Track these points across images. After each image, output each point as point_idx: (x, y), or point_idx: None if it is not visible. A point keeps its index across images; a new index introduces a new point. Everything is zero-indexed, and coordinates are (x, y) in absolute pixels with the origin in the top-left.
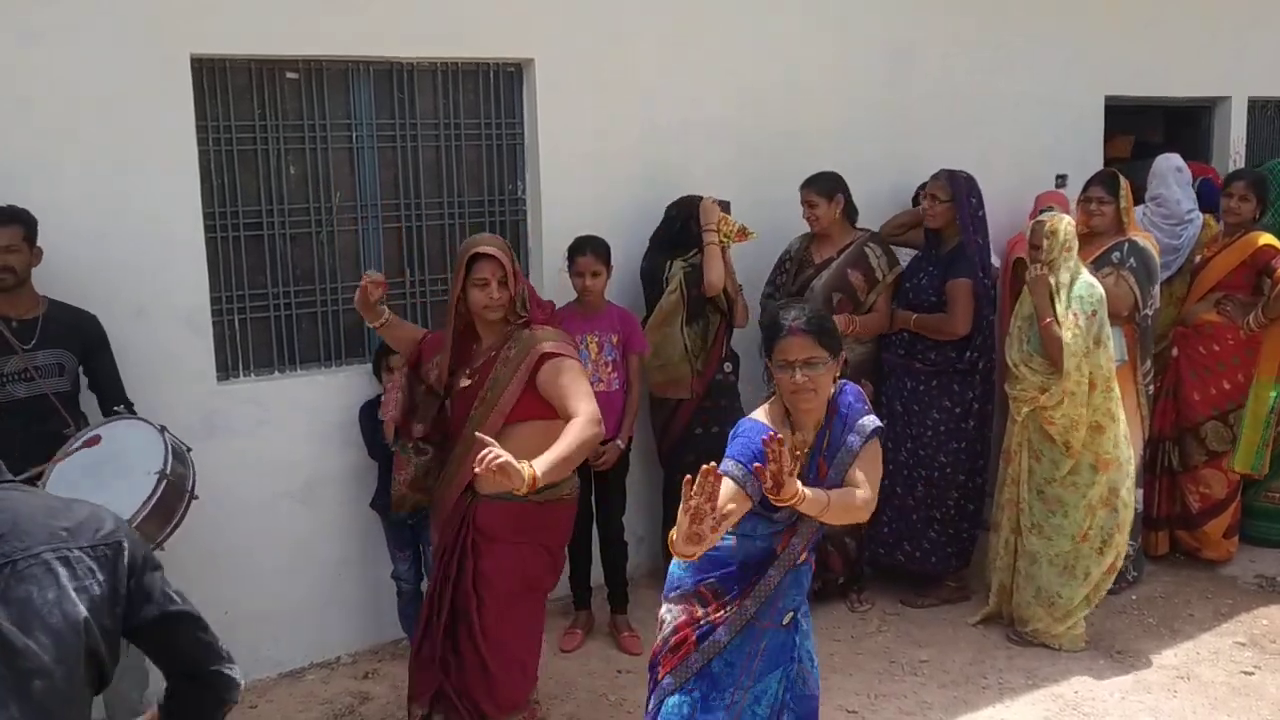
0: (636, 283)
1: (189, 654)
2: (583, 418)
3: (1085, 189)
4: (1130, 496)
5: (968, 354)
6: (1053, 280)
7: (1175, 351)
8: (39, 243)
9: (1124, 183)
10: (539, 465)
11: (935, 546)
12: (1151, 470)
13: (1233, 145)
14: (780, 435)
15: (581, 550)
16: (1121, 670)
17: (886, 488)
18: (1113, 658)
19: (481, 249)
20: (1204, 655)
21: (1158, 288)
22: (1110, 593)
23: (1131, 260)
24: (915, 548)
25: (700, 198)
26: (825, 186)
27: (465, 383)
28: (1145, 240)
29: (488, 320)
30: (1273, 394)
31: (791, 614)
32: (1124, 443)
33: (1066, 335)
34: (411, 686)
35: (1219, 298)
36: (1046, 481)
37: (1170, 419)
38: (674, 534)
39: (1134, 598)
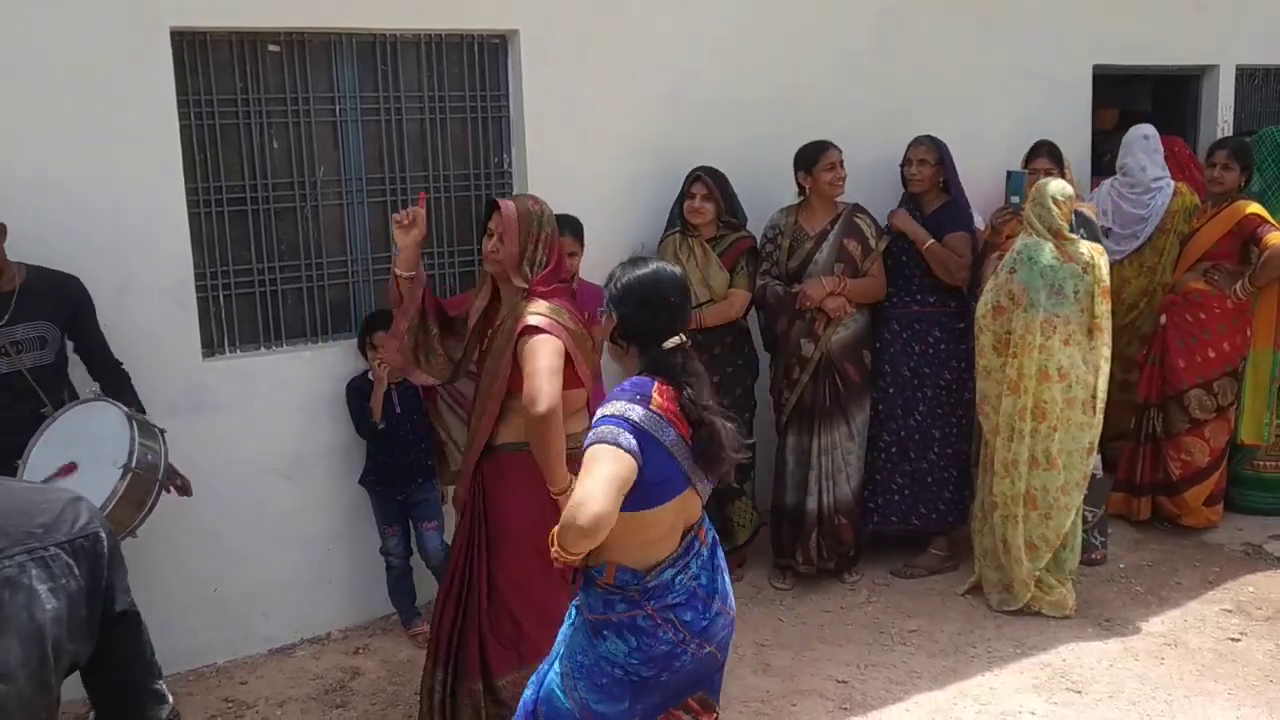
0: (622, 257)
1: (135, 660)
2: (528, 410)
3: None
4: (1080, 461)
5: (971, 304)
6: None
7: (1164, 319)
8: (1, 220)
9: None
10: (559, 488)
11: (951, 506)
12: (1136, 437)
13: (1220, 114)
14: None
15: None
16: (1109, 638)
17: (898, 455)
18: (1101, 626)
19: (499, 198)
20: (1191, 622)
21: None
22: (1088, 564)
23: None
24: (931, 509)
25: (700, 169)
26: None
27: (486, 345)
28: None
29: (496, 275)
30: (1272, 361)
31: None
32: (1076, 402)
33: (984, 297)
34: (431, 648)
35: (1207, 267)
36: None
37: (1156, 386)
38: None
39: (1121, 566)
